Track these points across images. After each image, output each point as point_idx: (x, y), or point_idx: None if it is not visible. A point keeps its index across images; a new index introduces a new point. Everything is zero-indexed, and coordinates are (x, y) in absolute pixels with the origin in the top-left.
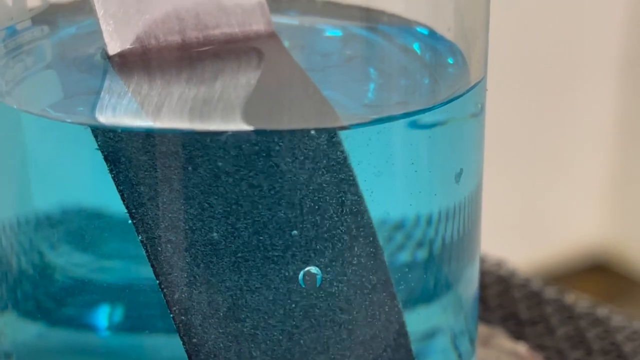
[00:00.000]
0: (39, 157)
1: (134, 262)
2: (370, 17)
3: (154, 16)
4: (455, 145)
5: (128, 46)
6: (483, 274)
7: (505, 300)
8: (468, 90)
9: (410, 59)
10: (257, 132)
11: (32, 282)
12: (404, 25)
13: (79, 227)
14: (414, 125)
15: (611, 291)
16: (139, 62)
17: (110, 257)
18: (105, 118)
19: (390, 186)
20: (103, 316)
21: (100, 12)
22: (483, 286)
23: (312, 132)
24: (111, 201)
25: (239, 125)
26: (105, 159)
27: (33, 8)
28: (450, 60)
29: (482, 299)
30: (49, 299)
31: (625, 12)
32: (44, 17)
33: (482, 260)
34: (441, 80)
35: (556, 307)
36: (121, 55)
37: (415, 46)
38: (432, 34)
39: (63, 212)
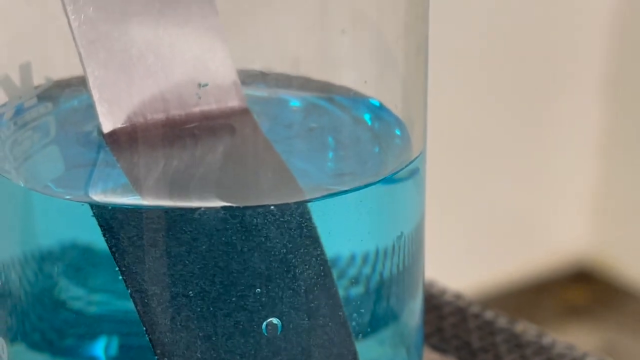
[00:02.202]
0: (44, 220)
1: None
2: (330, 90)
3: (142, 98)
4: (398, 209)
5: (119, 125)
6: (442, 305)
7: (461, 330)
8: (412, 161)
9: (363, 129)
10: (227, 208)
11: (37, 314)
12: (359, 97)
13: (78, 268)
14: (365, 194)
15: (595, 299)
16: (129, 139)
17: (104, 292)
18: (98, 196)
19: (337, 242)
20: (101, 347)
21: (96, 96)
22: (441, 317)
23: (272, 207)
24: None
25: (212, 202)
26: (99, 225)
27: (38, 86)
28: (397, 132)
29: (440, 329)
30: (53, 330)
31: (609, 28)
32: (48, 94)
33: (443, 292)
34: (389, 151)
35: (506, 336)
36: (113, 133)
37: (366, 117)
38: (382, 106)
39: (64, 255)
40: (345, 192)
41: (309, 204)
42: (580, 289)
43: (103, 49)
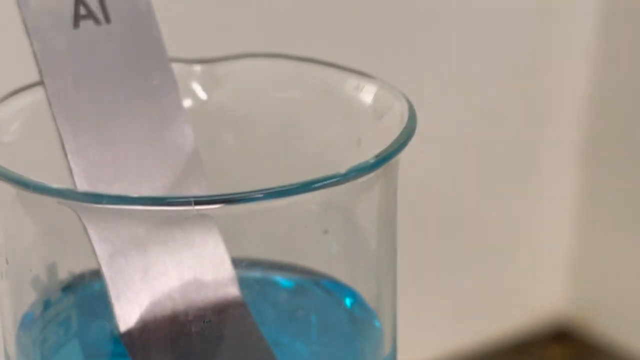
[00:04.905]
0: None
1: None
2: (316, 274)
3: (153, 299)
4: None
5: (133, 324)
6: None
7: None
8: (389, 355)
9: (345, 313)
10: None
11: None
12: (341, 284)
13: None
14: None
15: (574, 358)
16: (141, 336)
17: None
18: None
19: None
20: None
21: (117, 311)
22: None
23: None
24: None
25: None
26: None
27: (63, 280)
28: (377, 324)
29: None
30: None
31: (585, 98)
32: (71, 286)
33: None
34: (367, 341)
35: None
36: (128, 332)
37: (347, 302)
38: (361, 296)
39: None
40: None
41: None
42: (559, 348)
43: (120, 260)
